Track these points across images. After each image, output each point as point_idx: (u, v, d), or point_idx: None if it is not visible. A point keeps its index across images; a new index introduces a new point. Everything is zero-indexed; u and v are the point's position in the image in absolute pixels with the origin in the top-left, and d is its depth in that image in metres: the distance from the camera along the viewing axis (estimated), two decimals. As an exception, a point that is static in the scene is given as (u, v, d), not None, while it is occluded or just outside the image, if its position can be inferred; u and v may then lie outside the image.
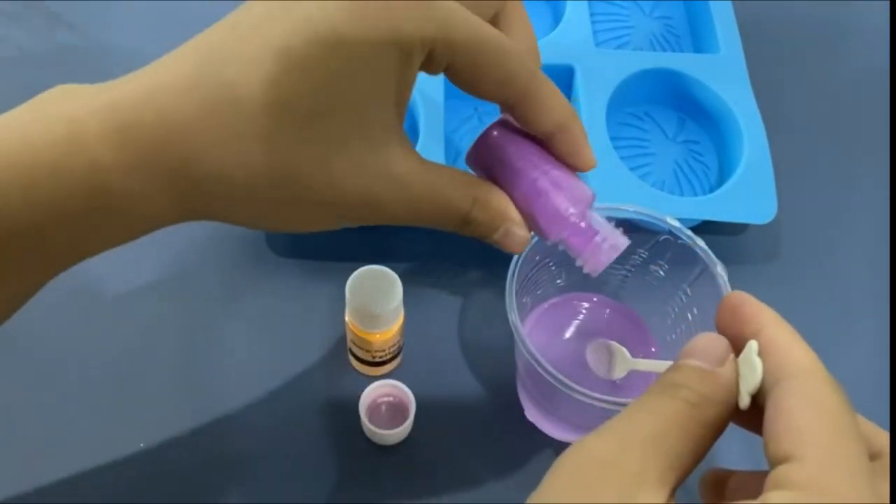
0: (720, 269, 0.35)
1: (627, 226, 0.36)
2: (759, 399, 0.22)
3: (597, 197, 0.30)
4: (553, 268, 0.40)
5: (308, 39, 0.25)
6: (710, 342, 0.23)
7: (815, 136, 0.52)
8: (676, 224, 0.36)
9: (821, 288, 0.46)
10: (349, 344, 0.40)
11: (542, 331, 0.41)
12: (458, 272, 0.45)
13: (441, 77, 0.49)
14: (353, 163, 0.26)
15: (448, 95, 0.47)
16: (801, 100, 0.53)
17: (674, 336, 0.39)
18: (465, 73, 0.28)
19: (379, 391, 0.40)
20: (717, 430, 0.22)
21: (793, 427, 0.20)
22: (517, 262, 0.36)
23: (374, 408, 0.40)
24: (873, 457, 0.23)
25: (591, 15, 0.51)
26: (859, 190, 0.50)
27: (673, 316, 0.39)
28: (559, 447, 0.40)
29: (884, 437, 0.23)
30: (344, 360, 0.42)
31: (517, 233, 0.30)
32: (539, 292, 0.41)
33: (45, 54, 0.52)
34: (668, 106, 0.51)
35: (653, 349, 0.41)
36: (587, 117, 0.47)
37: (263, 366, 0.42)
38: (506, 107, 0.29)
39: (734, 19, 0.52)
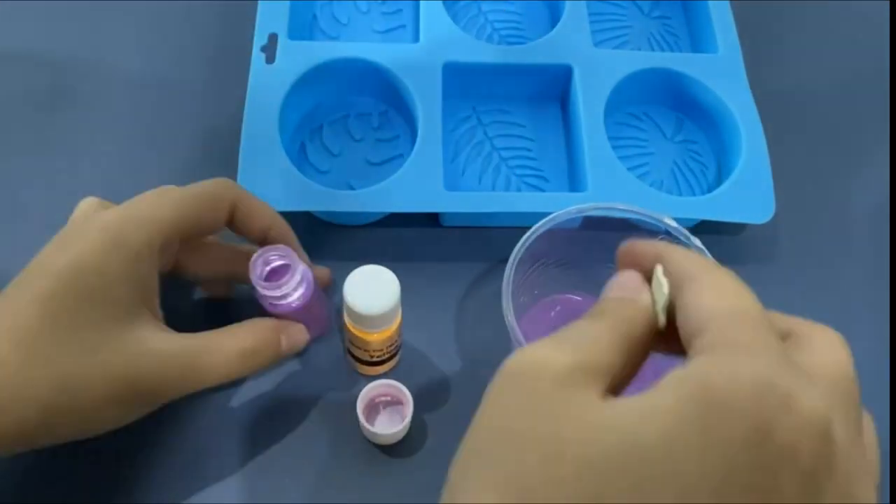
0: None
1: (625, 226, 0.36)
2: (672, 317, 0.24)
3: (590, 199, 0.32)
4: (551, 268, 0.40)
5: (54, 276, 0.32)
6: (625, 278, 0.25)
7: (814, 136, 0.52)
8: (674, 224, 0.36)
9: (819, 288, 0.46)
10: (347, 343, 0.40)
11: (539, 331, 0.41)
12: (456, 271, 0.45)
13: (439, 76, 0.49)
14: (115, 350, 0.32)
15: (446, 95, 0.47)
16: (800, 100, 0.53)
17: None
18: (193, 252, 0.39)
19: (377, 391, 0.40)
20: (644, 347, 0.24)
21: (696, 307, 0.22)
22: (513, 263, 0.36)
23: (371, 407, 0.40)
24: (783, 337, 0.24)
25: (590, 15, 0.51)
26: (857, 190, 0.50)
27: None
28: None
29: (794, 321, 0.25)
30: (342, 360, 0.42)
31: (295, 335, 0.38)
32: (536, 292, 0.41)
33: None
34: (667, 106, 0.51)
35: None
36: (585, 117, 0.46)
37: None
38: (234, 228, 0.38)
39: (732, 19, 0.52)
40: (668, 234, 0.37)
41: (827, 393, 0.20)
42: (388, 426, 0.38)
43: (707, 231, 0.46)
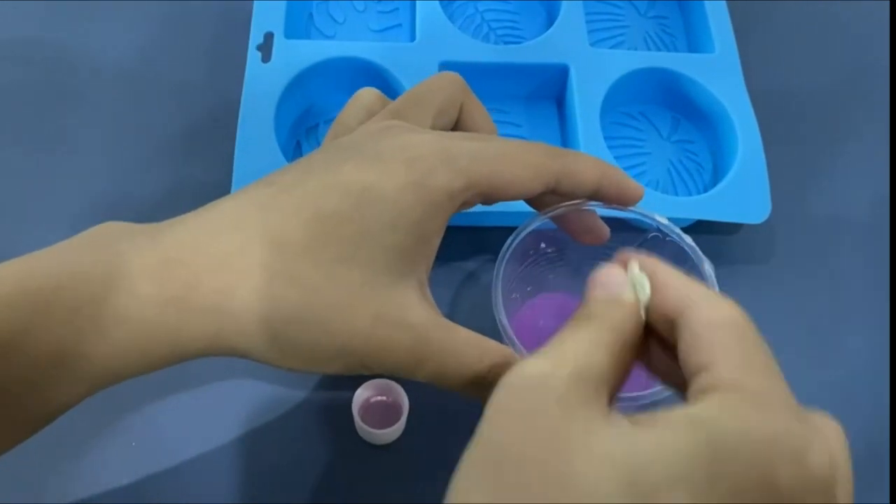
0: (707, 267, 0.35)
1: (616, 223, 0.36)
2: (649, 318, 0.25)
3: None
4: (544, 264, 0.40)
5: (344, 193, 0.28)
6: (609, 274, 0.25)
7: (811, 135, 0.52)
8: (665, 221, 0.36)
9: (816, 288, 0.46)
10: (342, 343, 0.40)
11: (531, 328, 0.41)
12: (450, 270, 0.45)
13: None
14: (372, 311, 0.28)
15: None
16: (797, 99, 0.53)
17: None
18: (499, 196, 0.31)
19: (372, 390, 0.39)
20: (634, 349, 0.24)
21: (703, 340, 0.22)
22: (503, 259, 0.36)
23: (367, 407, 0.40)
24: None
25: (586, 14, 0.51)
26: (855, 188, 0.50)
27: None
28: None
29: None
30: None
31: None
32: (529, 288, 0.41)
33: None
34: (663, 105, 0.51)
35: None
36: (581, 117, 0.46)
37: (254, 364, 0.41)
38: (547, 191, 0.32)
39: (729, 19, 0.52)
40: (659, 232, 0.37)
41: (831, 448, 0.21)
42: (383, 426, 0.38)
43: (703, 231, 0.46)
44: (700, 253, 0.36)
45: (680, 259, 0.37)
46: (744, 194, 0.45)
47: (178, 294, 0.27)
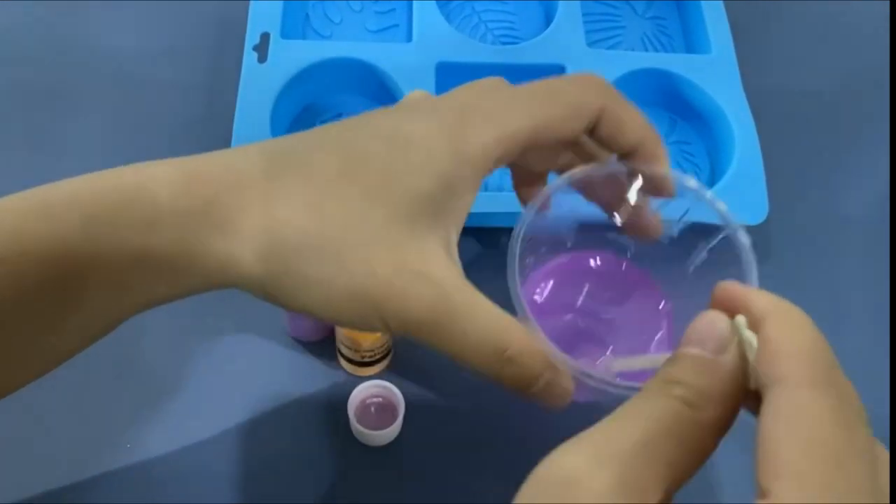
0: (742, 236, 0.32)
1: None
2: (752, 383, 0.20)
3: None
4: (561, 231, 0.37)
5: (374, 134, 0.28)
6: (710, 324, 0.21)
7: (808, 136, 0.52)
8: (695, 185, 0.33)
9: (813, 288, 0.46)
10: (338, 344, 0.40)
11: (545, 294, 0.38)
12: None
13: (432, 76, 0.49)
14: (394, 256, 0.26)
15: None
16: (794, 100, 0.53)
17: (687, 297, 0.36)
18: (538, 143, 0.29)
19: (368, 391, 0.39)
20: (719, 430, 0.20)
21: (769, 455, 0.18)
22: (522, 226, 0.32)
23: (362, 408, 0.40)
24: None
25: (584, 15, 0.51)
26: (852, 189, 0.50)
27: (688, 277, 0.36)
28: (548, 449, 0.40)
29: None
30: (333, 361, 0.42)
31: (561, 384, 0.28)
32: (543, 250, 0.37)
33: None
34: (660, 106, 0.51)
35: (661, 306, 0.37)
36: (578, 117, 0.46)
37: (251, 365, 0.41)
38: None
39: (726, 19, 0.51)
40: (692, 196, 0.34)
41: None
42: (379, 427, 0.38)
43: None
44: (734, 220, 0.32)
45: (711, 226, 0.34)
46: (741, 195, 0.45)
47: (196, 208, 0.26)
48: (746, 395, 0.20)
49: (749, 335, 0.20)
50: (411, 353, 0.42)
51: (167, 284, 0.28)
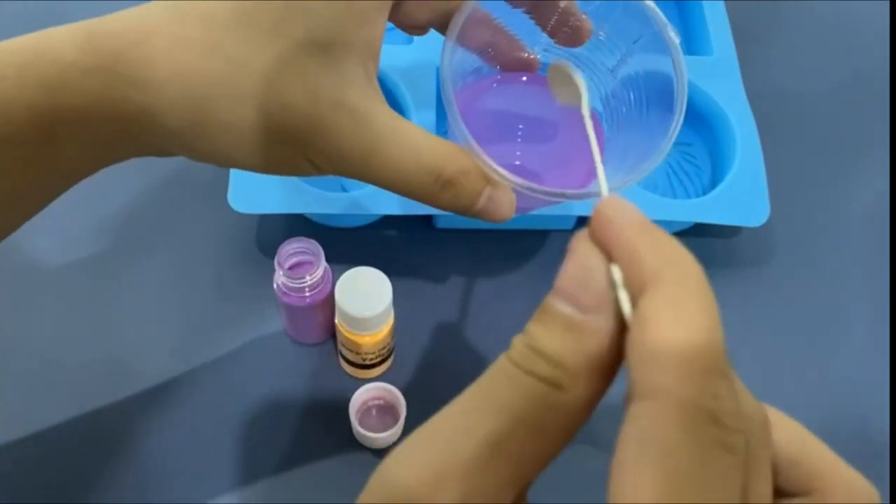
0: (671, 33, 0.31)
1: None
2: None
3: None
4: (486, 54, 0.36)
5: None
6: (586, 273, 0.17)
7: (809, 138, 0.52)
8: (652, 4, 0.31)
9: (815, 290, 0.46)
10: (339, 347, 0.40)
11: (478, 109, 0.37)
12: (449, 274, 0.45)
13: (433, 78, 0.49)
14: (306, 87, 0.25)
15: (440, 97, 0.47)
16: (796, 101, 0.53)
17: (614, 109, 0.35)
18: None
19: (369, 394, 0.39)
20: (587, 410, 0.17)
21: (618, 477, 0.15)
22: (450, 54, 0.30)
23: (364, 411, 0.40)
24: (805, 492, 0.18)
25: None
26: (853, 192, 0.50)
27: (616, 86, 0.35)
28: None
29: (818, 461, 0.18)
30: (335, 363, 0.42)
31: (506, 197, 0.28)
32: (471, 79, 0.36)
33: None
34: (661, 108, 0.51)
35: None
36: (580, 119, 0.46)
37: (253, 367, 0.41)
38: None
39: (727, 21, 0.51)
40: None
41: None
42: (381, 429, 0.38)
43: (702, 234, 0.46)
44: (663, 17, 0.31)
45: (639, 23, 0.32)
46: (742, 197, 0.45)
47: (103, 63, 0.25)
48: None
49: (625, 298, 0.16)
50: (413, 355, 0.42)
51: (93, 144, 0.27)
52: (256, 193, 0.42)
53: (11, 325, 0.42)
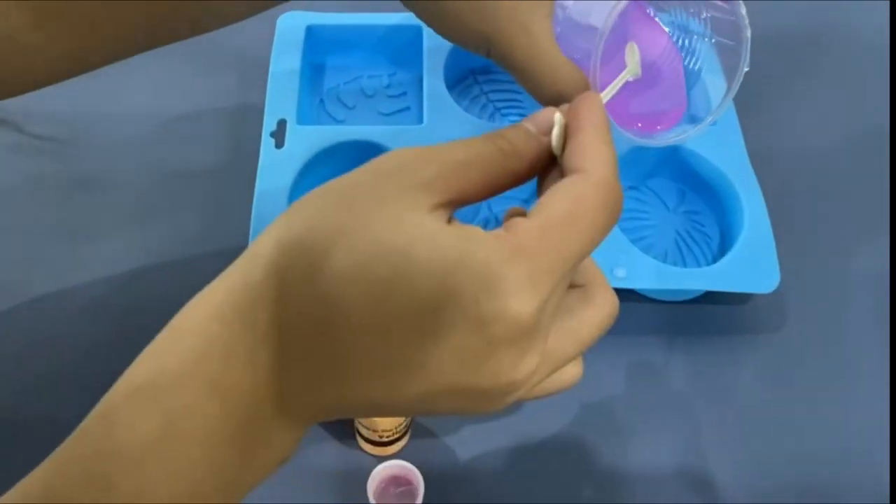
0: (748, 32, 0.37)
1: None
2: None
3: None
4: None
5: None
6: (548, 113, 0.27)
7: (816, 200, 0.52)
8: None
9: (827, 355, 0.46)
10: (356, 424, 0.40)
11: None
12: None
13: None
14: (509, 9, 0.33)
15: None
16: (800, 165, 0.54)
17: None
18: None
19: (387, 472, 0.39)
20: (515, 179, 0.26)
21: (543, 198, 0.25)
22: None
23: (382, 490, 0.40)
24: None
25: (589, 92, 0.53)
26: (861, 252, 0.50)
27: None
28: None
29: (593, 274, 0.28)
30: (351, 440, 0.42)
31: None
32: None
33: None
34: (668, 178, 0.52)
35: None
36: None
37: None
38: None
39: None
40: None
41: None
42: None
43: (713, 301, 0.47)
44: None
45: None
46: (752, 264, 0.45)
47: None
48: (543, 169, 0.27)
49: (557, 133, 0.27)
50: (430, 430, 0.42)
51: None
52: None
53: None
